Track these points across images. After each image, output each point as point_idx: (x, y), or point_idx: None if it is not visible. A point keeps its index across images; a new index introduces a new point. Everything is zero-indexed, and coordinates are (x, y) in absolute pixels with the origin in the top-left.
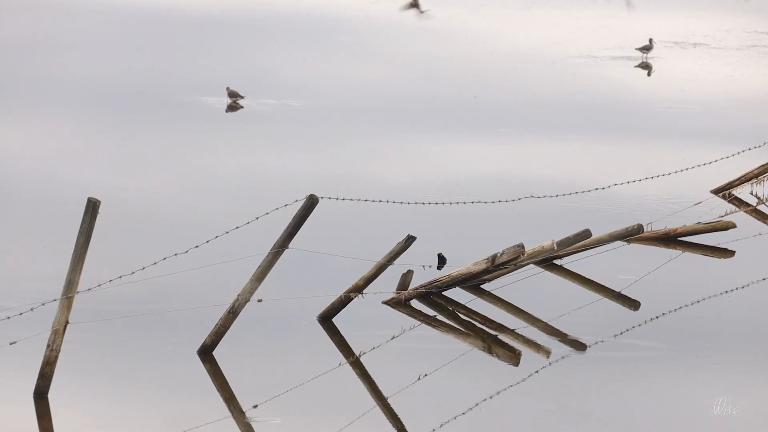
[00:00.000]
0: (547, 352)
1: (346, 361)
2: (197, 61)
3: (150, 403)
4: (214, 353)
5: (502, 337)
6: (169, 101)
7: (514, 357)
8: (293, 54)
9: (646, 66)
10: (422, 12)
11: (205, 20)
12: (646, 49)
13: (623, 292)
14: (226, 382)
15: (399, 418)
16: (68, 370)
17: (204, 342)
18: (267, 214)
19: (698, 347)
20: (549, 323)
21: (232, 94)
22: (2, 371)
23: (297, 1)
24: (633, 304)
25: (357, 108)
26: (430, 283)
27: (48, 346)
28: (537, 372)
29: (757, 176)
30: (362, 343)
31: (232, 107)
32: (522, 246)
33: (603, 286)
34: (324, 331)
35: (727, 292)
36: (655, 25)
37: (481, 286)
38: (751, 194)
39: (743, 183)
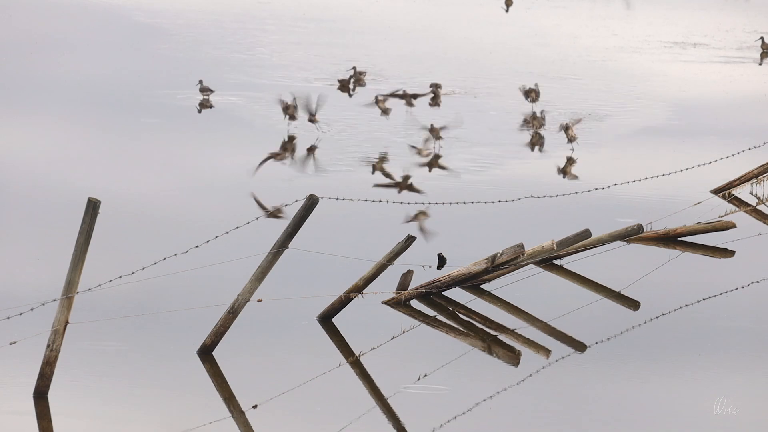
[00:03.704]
0: (547, 352)
1: (346, 361)
2: (197, 61)
3: (150, 403)
4: (214, 353)
5: (502, 337)
6: (169, 101)
7: (514, 357)
8: (293, 54)
9: None
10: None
11: (205, 20)
12: None
13: (623, 292)
14: (226, 382)
15: (399, 418)
16: (68, 370)
17: (204, 342)
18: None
19: (698, 347)
20: (549, 323)
21: (203, 90)
22: (2, 371)
23: (296, 2)
24: (633, 304)
25: (356, 107)
26: (430, 283)
27: (48, 346)
28: (537, 372)
29: (757, 176)
30: (362, 343)
31: (203, 105)
32: (522, 246)
33: (603, 286)
34: (324, 331)
35: (727, 292)
36: (654, 25)
37: (481, 286)
38: (751, 194)
39: (743, 183)
